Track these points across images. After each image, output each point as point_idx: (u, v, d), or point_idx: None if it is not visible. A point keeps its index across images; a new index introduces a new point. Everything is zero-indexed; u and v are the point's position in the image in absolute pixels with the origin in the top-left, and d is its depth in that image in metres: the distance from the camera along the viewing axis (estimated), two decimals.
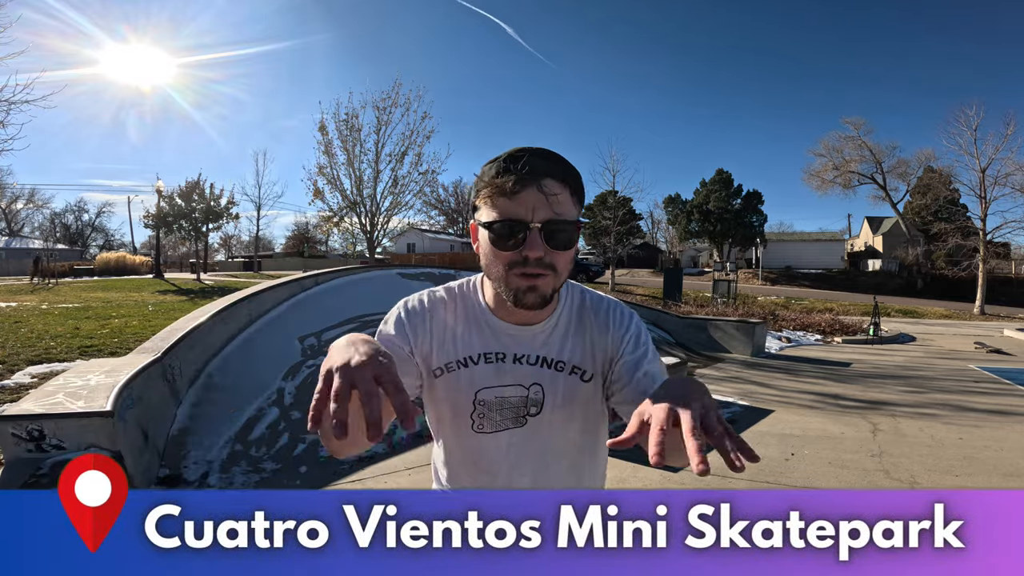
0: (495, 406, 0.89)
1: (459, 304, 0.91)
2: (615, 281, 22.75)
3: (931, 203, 30.30)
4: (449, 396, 0.89)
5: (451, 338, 0.89)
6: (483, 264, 0.85)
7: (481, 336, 0.89)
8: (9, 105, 8.66)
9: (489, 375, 0.88)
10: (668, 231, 45.97)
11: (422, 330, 0.89)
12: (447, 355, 0.89)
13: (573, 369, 0.91)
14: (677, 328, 9.87)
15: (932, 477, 3.60)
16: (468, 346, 0.89)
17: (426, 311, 0.90)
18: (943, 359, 9.09)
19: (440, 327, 0.90)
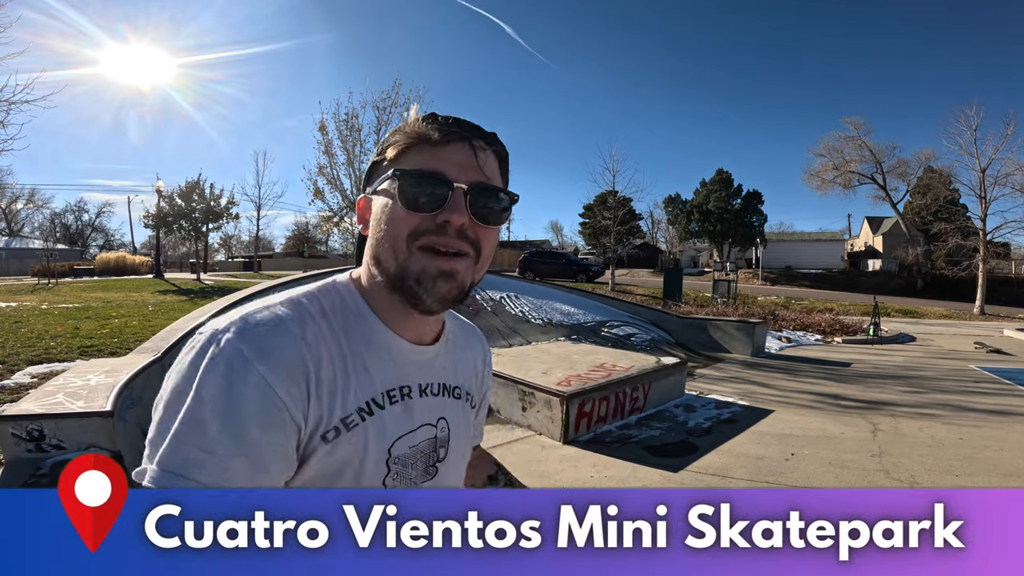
0: (409, 461, 0.66)
1: (334, 318, 0.62)
2: (615, 281, 22.73)
3: (931, 203, 30.29)
4: (347, 468, 0.61)
5: (342, 374, 0.60)
6: (373, 242, 0.63)
7: (380, 365, 0.63)
8: (9, 105, 8.67)
9: (400, 420, 0.64)
10: (668, 231, 45.98)
11: (299, 382, 0.56)
12: (342, 405, 0.59)
13: (466, 395, 0.76)
14: (677, 328, 9.87)
15: (932, 477, 3.60)
16: (367, 382, 0.62)
17: (295, 341, 0.57)
18: (943, 359, 9.09)
19: (322, 360, 0.58)
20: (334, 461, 0.59)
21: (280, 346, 0.55)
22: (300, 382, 0.56)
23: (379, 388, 0.63)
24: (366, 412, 0.61)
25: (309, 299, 0.62)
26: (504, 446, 4.12)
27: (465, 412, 0.75)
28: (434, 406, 0.69)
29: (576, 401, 4.30)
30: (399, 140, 0.62)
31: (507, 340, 7.07)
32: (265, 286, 7.30)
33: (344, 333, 0.61)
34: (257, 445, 0.54)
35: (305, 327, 0.58)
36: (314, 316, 0.60)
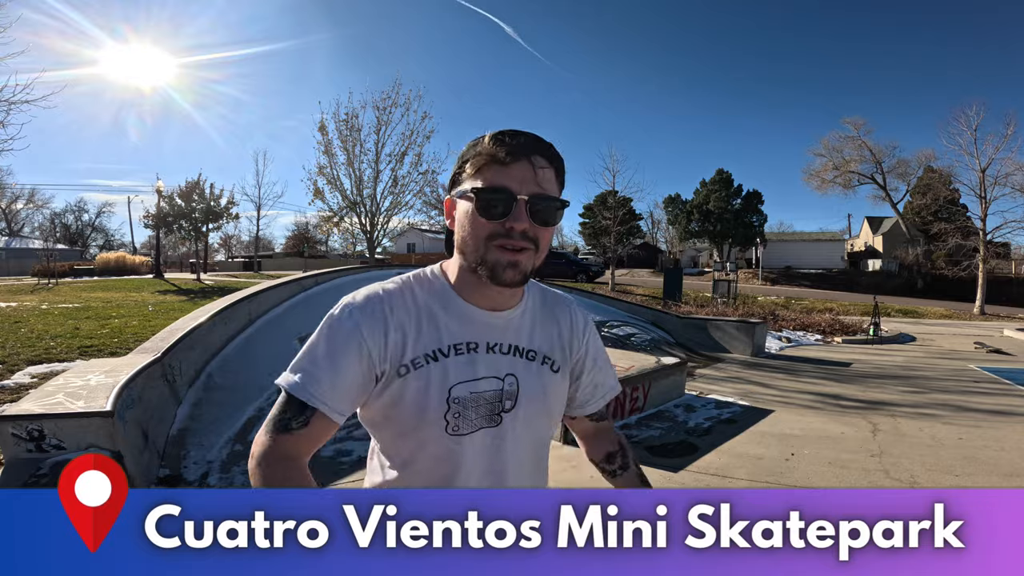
0: (470, 403, 0.81)
1: (420, 291, 0.84)
2: (615, 281, 22.71)
3: (931, 203, 30.30)
4: (416, 397, 0.79)
5: (415, 329, 0.80)
6: (459, 238, 0.80)
7: (450, 324, 0.82)
8: (9, 105, 8.67)
9: (462, 368, 0.81)
10: (668, 231, 46.00)
11: (378, 328, 0.79)
12: (412, 349, 0.79)
13: (544, 359, 0.88)
14: (677, 328, 9.87)
15: (932, 477, 3.60)
16: (436, 337, 0.81)
17: (382, 302, 0.80)
18: (943, 359, 9.09)
19: (401, 318, 0.80)
20: (405, 392, 0.79)
21: (371, 303, 0.80)
22: (379, 326, 0.79)
23: (446, 341, 0.81)
24: (431, 358, 0.80)
25: (406, 279, 0.85)
26: None
27: (542, 374, 0.88)
28: (501, 363, 0.84)
29: None
30: (476, 160, 0.79)
31: None
32: (265, 286, 7.29)
33: (425, 301, 0.83)
34: (340, 363, 0.77)
35: (393, 295, 0.82)
36: (404, 289, 0.84)
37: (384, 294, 0.82)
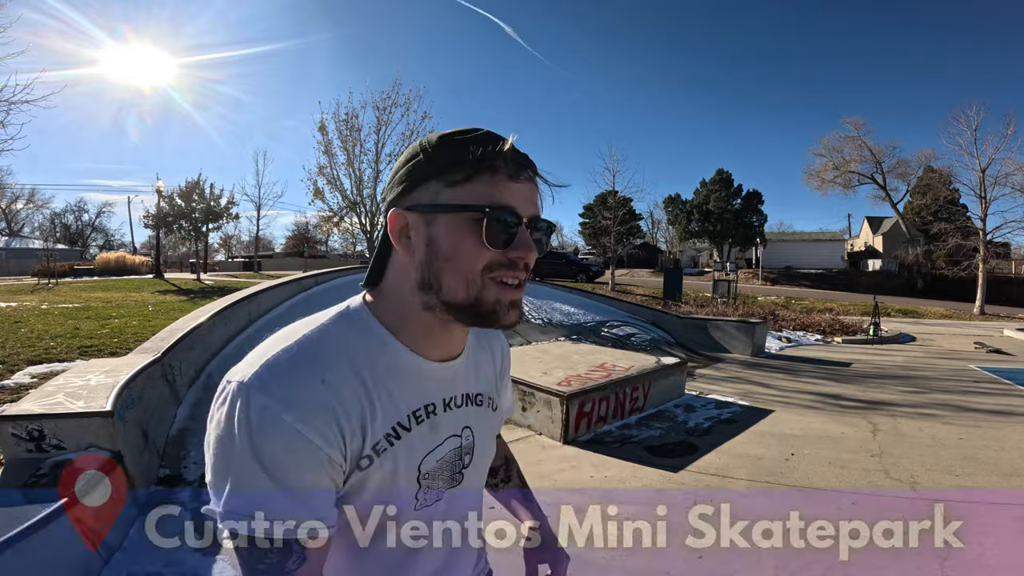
0: (436, 472, 0.69)
1: (360, 353, 0.63)
2: (615, 281, 22.70)
3: (931, 203, 30.30)
4: (382, 485, 0.64)
5: (369, 407, 0.61)
6: (434, 269, 0.61)
7: (404, 388, 0.65)
8: (9, 105, 8.68)
9: (427, 437, 0.67)
10: (668, 231, 46.01)
11: (329, 427, 0.58)
12: (371, 434, 0.62)
13: (488, 400, 0.78)
14: (677, 328, 9.87)
15: (932, 477, 3.60)
16: (393, 408, 0.64)
17: (318, 384, 0.59)
18: (943, 359, 9.09)
19: (348, 398, 0.60)
20: (370, 483, 0.63)
21: (304, 394, 0.57)
22: (331, 424, 0.58)
23: (404, 411, 0.65)
24: (394, 437, 0.64)
25: (325, 334, 0.63)
26: None
27: (487, 416, 0.78)
28: (458, 417, 0.72)
29: (576, 401, 4.30)
30: (466, 167, 0.60)
31: (507, 340, 7.07)
32: (265, 286, 7.30)
33: (365, 364, 0.62)
34: (301, 485, 0.57)
35: (326, 368, 0.60)
36: (334, 353, 0.61)
37: (315, 367, 0.59)
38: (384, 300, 0.67)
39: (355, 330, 0.64)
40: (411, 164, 0.63)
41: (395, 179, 0.64)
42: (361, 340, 0.63)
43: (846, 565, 2.54)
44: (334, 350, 0.61)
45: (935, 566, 2.48)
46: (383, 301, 0.67)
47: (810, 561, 2.54)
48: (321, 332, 0.63)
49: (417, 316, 0.65)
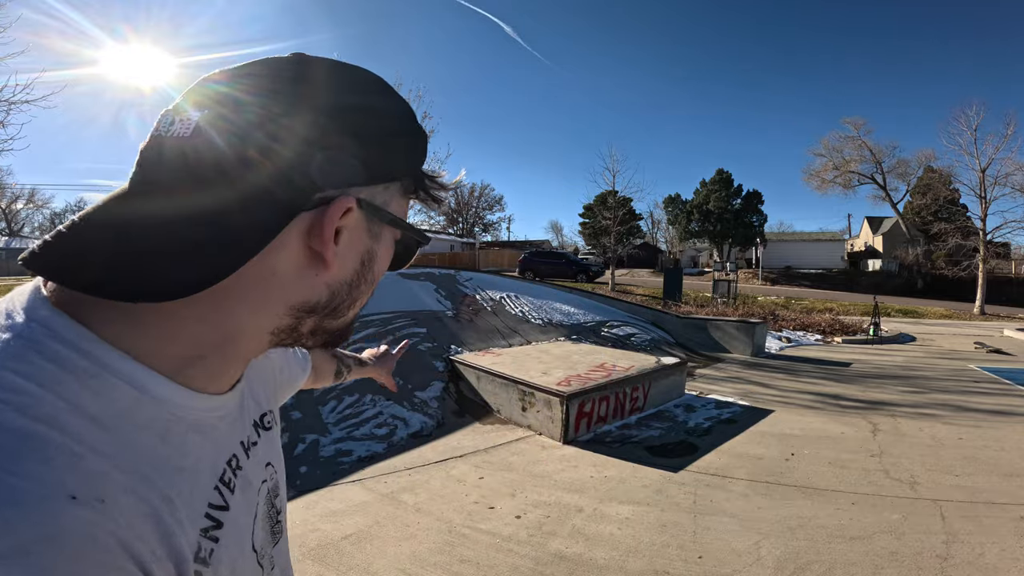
0: (264, 539, 0.50)
1: (106, 418, 0.33)
2: (615, 281, 22.70)
3: (931, 203, 30.33)
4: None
5: (165, 504, 0.35)
6: (360, 294, 0.44)
7: (194, 454, 0.40)
8: (9, 105, 8.69)
9: (245, 503, 0.46)
10: (668, 231, 46.02)
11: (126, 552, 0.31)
12: (185, 542, 0.36)
13: (273, 417, 0.57)
14: (677, 328, 9.86)
15: (932, 477, 3.60)
16: (193, 487, 0.39)
17: (97, 517, 0.30)
18: (943, 359, 9.09)
19: (134, 508, 0.33)
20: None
21: (57, 535, 0.28)
22: (128, 569, 0.31)
23: (209, 483, 0.41)
24: (213, 527, 0.40)
25: (41, 397, 0.31)
26: (504, 446, 4.12)
27: (277, 437, 0.58)
28: (260, 455, 0.50)
29: (576, 401, 4.30)
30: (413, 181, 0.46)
31: (507, 340, 7.07)
32: None
33: (123, 441, 0.34)
34: None
35: (77, 469, 0.30)
36: (79, 434, 0.32)
37: (59, 486, 0.29)
38: (165, 314, 0.36)
39: (69, 370, 0.33)
40: (403, 131, 0.43)
41: (350, 131, 0.39)
42: (87, 389, 0.33)
43: (846, 565, 2.55)
44: (65, 424, 0.31)
45: (935, 566, 2.48)
46: (159, 315, 0.36)
47: (810, 561, 2.54)
48: (11, 391, 0.31)
49: (240, 339, 0.40)
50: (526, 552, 2.58)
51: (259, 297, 0.38)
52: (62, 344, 0.33)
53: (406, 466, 3.69)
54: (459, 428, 4.56)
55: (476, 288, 8.69)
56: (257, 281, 0.38)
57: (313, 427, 4.11)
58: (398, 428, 4.38)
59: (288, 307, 0.40)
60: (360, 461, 3.74)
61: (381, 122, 0.41)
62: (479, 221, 54.90)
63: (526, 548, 2.62)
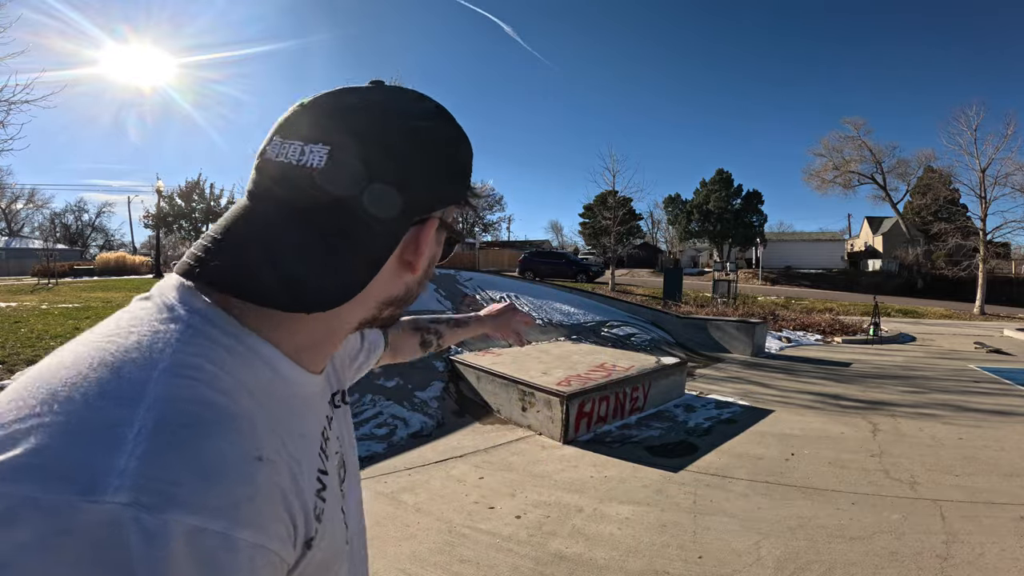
0: (351, 505, 0.56)
1: (262, 394, 0.41)
2: (615, 281, 22.69)
3: (931, 203, 30.34)
4: (328, 549, 0.46)
5: (296, 465, 0.42)
6: (422, 287, 0.52)
7: (304, 421, 0.47)
8: (9, 105, 8.69)
9: (334, 472, 0.51)
10: (668, 231, 46.04)
11: (286, 522, 0.39)
12: (309, 498, 0.43)
13: (344, 396, 0.63)
14: (677, 328, 9.86)
15: (932, 477, 3.60)
16: (307, 452, 0.45)
17: (270, 472, 0.38)
18: (943, 359, 9.09)
19: (284, 465, 0.40)
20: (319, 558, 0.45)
21: (254, 492, 0.36)
22: (284, 519, 0.39)
23: (315, 450, 0.47)
24: (322, 489, 0.46)
25: (216, 374, 0.38)
26: (504, 446, 4.12)
27: (348, 414, 0.64)
28: (336, 429, 0.56)
29: (576, 401, 4.30)
30: (464, 188, 0.51)
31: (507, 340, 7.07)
32: None
33: (265, 403, 0.41)
34: None
35: (256, 434, 0.38)
36: (247, 405, 0.39)
37: (245, 442, 0.37)
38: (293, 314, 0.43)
39: (229, 352, 0.40)
40: (464, 157, 0.50)
41: (444, 167, 0.47)
42: (244, 367, 0.41)
43: (846, 565, 2.54)
44: (244, 396, 0.39)
45: (935, 566, 2.48)
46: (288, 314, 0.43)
47: (810, 561, 2.54)
48: (210, 371, 0.38)
49: (340, 330, 0.48)
50: (526, 552, 2.58)
51: (363, 299, 0.46)
52: (222, 332, 0.41)
53: (406, 466, 3.69)
54: (459, 428, 4.56)
55: (476, 288, 8.69)
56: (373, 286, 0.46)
57: None
58: (398, 428, 4.38)
59: (377, 302, 0.48)
60: (360, 461, 3.74)
61: (459, 156, 0.49)
62: (479, 221, 54.90)
63: (526, 548, 2.62)
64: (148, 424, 0.33)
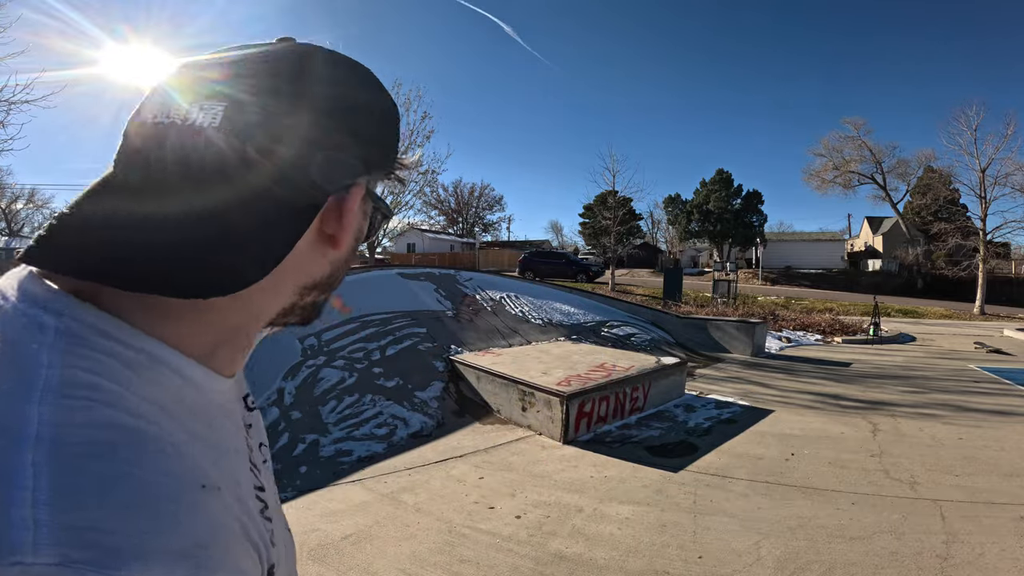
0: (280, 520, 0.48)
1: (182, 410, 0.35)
2: (615, 281, 22.69)
3: (931, 203, 30.34)
4: None
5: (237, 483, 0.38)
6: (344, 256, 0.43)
7: (227, 431, 0.41)
8: (9, 105, 8.69)
9: (270, 486, 0.46)
10: (668, 231, 46.03)
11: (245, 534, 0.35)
12: (259, 517, 0.39)
13: (252, 398, 0.54)
14: (677, 328, 9.86)
15: (932, 477, 3.60)
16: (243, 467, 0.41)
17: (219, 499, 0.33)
18: (943, 359, 9.09)
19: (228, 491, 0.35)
20: None
21: (213, 525, 0.30)
22: (251, 552, 0.34)
23: (246, 466, 0.42)
24: (264, 508, 0.41)
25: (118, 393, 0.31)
26: (504, 446, 4.12)
27: (260, 418, 0.53)
28: (255, 436, 0.49)
29: (576, 401, 4.30)
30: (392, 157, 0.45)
31: (507, 340, 7.07)
32: None
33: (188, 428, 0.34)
34: None
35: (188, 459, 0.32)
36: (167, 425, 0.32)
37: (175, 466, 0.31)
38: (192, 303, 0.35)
39: (125, 363, 0.32)
40: (392, 125, 0.44)
41: (365, 130, 0.41)
42: (149, 380, 0.33)
43: (846, 565, 2.54)
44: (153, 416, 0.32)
45: (935, 566, 2.48)
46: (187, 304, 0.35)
47: (810, 561, 2.54)
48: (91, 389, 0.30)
49: (256, 322, 0.41)
50: (526, 552, 2.58)
51: (275, 280, 0.38)
52: (104, 337, 0.32)
53: (406, 466, 3.68)
54: (459, 428, 4.56)
55: (476, 288, 8.68)
56: (287, 269, 0.38)
57: (313, 427, 4.11)
58: (398, 428, 4.38)
59: (296, 286, 0.41)
60: (360, 461, 3.74)
61: (382, 118, 0.43)
62: (479, 221, 54.91)
63: (526, 548, 2.62)
64: (42, 462, 0.26)
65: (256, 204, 0.35)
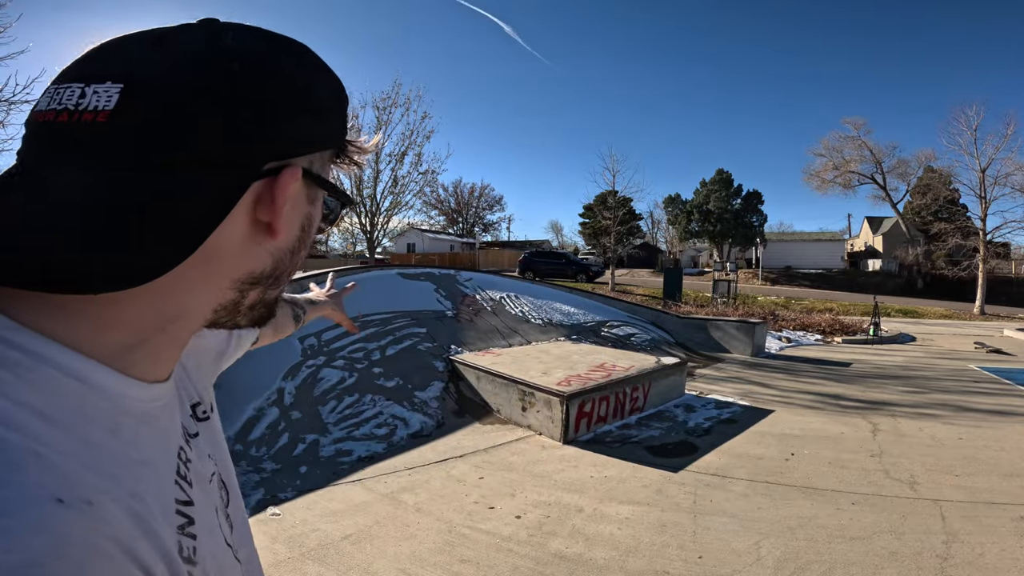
0: (230, 534, 0.47)
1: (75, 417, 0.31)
2: (615, 281, 22.70)
3: (931, 203, 30.34)
4: None
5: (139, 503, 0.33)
6: (297, 262, 0.43)
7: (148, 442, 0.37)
8: (9, 105, 8.69)
9: (206, 501, 0.43)
10: (668, 231, 46.01)
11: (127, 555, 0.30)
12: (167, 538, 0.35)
13: (209, 407, 0.53)
14: (677, 328, 9.86)
15: (932, 477, 3.60)
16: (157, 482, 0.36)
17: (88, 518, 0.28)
18: (943, 359, 9.09)
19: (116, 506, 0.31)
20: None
21: (59, 544, 0.26)
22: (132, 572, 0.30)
23: (169, 479, 0.38)
24: (187, 523, 0.38)
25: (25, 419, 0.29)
26: (504, 446, 4.12)
27: (218, 428, 0.53)
28: (202, 447, 0.47)
29: (576, 401, 4.30)
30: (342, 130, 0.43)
31: (507, 340, 7.07)
32: None
33: (78, 438, 0.31)
34: None
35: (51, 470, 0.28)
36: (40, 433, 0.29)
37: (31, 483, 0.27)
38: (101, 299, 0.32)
39: (5, 368, 0.30)
40: (330, 103, 0.41)
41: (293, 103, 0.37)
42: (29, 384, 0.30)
43: (846, 565, 2.54)
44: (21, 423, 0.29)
45: (935, 566, 2.48)
46: (93, 300, 0.32)
47: (810, 561, 2.54)
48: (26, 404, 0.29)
49: (182, 319, 0.38)
50: (526, 552, 2.58)
51: (202, 273, 0.35)
52: (15, 348, 0.30)
53: (406, 466, 3.68)
54: (459, 428, 4.56)
55: (476, 288, 8.68)
56: (200, 257, 0.34)
57: (313, 427, 4.11)
58: (398, 428, 4.38)
59: (232, 281, 0.38)
60: (360, 461, 3.74)
61: (318, 92, 0.39)
62: (479, 221, 54.93)
63: (526, 548, 2.62)
64: None
65: (158, 191, 0.32)
